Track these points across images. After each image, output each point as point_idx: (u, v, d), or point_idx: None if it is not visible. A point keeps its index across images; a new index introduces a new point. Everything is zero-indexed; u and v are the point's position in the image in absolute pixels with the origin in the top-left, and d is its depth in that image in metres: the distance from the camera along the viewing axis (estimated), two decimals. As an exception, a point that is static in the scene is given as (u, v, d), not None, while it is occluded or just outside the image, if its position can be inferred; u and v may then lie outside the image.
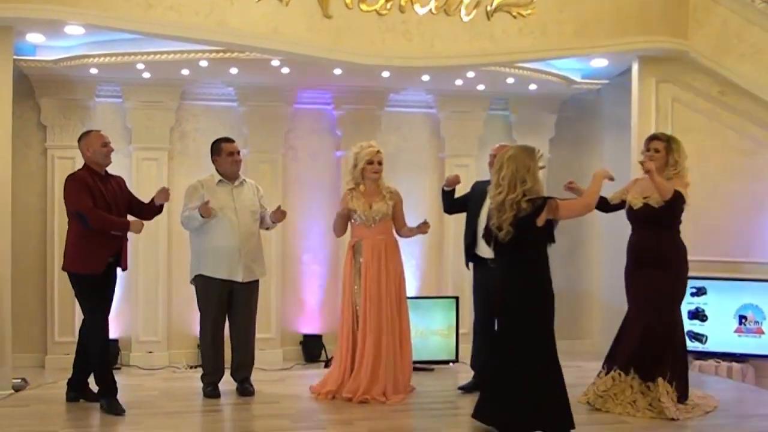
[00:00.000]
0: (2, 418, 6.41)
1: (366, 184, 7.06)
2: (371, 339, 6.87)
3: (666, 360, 6.56)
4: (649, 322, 6.55)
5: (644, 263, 6.58)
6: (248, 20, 7.61)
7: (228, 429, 6.28)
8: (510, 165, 5.68)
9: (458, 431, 6.13)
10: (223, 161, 7.11)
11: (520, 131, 10.53)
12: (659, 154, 6.69)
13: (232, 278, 6.96)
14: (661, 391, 6.45)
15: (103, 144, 6.58)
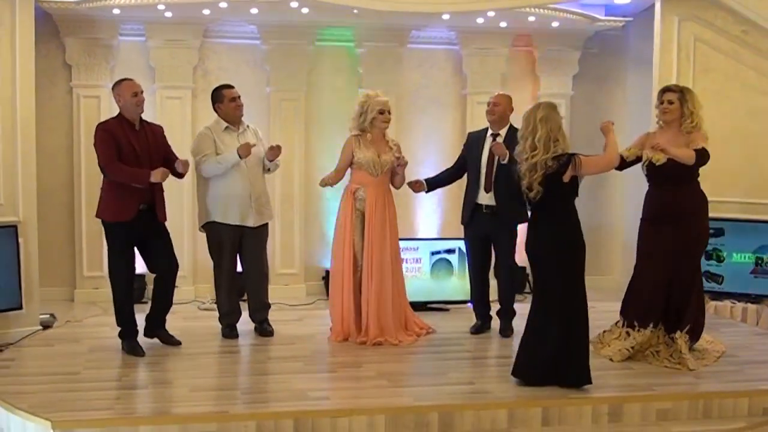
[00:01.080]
0: (26, 358, 6.71)
1: (373, 133, 7.13)
2: (375, 282, 7.07)
3: (687, 311, 6.70)
4: (671, 278, 6.66)
5: (666, 219, 6.63)
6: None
7: (243, 371, 6.49)
8: (544, 126, 5.85)
9: (462, 374, 6.29)
10: (226, 107, 7.22)
11: (544, 68, 10.49)
12: (673, 105, 6.70)
13: (244, 224, 7.13)
14: (681, 344, 6.59)
15: (133, 94, 6.70)
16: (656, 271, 6.67)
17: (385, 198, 7.23)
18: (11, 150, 7.86)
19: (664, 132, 6.75)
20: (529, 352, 6.00)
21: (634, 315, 6.72)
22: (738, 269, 8.76)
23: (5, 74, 7.80)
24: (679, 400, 5.86)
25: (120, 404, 5.61)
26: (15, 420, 5.44)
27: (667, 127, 6.74)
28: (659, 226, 6.66)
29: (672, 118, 6.67)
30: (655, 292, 6.67)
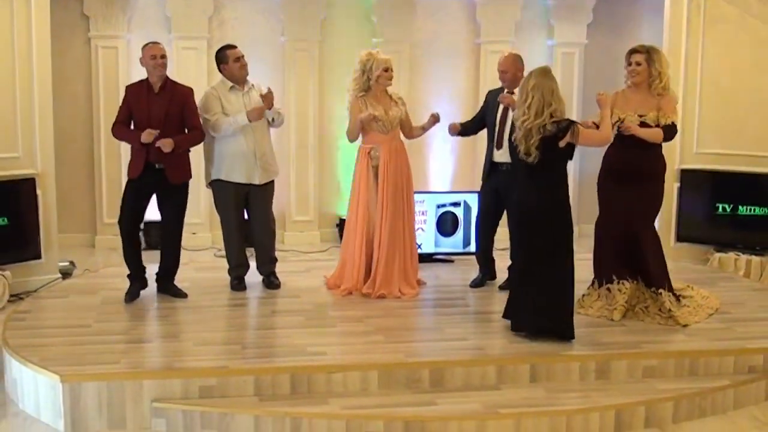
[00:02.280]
0: (42, 310, 7.00)
1: (377, 92, 7.24)
2: (387, 238, 7.27)
3: (663, 265, 6.89)
4: (641, 233, 6.82)
5: (630, 179, 6.74)
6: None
7: (246, 325, 6.72)
8: (535, 93, 6.01)
9: (458, 329, 6.50)
10: (231, 67, 7.35)
11: (558, 16, 10.52)
12: (641, 67, 6.75)
13: (250, 182, 7.33)
14: (667, 300, 6.75)
15: (151, 57, 6.93)
16: (619, 224, 6.80)
17: (398, 153, 7.40)
18: (28, 104, 8.07)
19: (634, 93, 6.82)
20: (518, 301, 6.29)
21: (610, 270, 6.87)
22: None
23: (21, 31, 7.97)
24: (665, 358, 6.03)
25: (127, 358, 5.86)
26: (27, 372, 5.73)
27: (636, 88, 6.81)
28: (622, 183, 6.77)
29: (641, 80, 6.75)
30: (619, 247, 6.82)
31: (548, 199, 6.18)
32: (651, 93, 6.74)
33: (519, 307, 6.31)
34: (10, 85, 7.99)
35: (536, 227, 6.17)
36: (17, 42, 7.98)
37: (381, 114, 7.25)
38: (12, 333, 6.33)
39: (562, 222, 6.20)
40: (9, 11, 7.90)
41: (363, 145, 7.40)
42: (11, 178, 8.00)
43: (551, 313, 6.19)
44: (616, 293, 6.84)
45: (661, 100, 6.72)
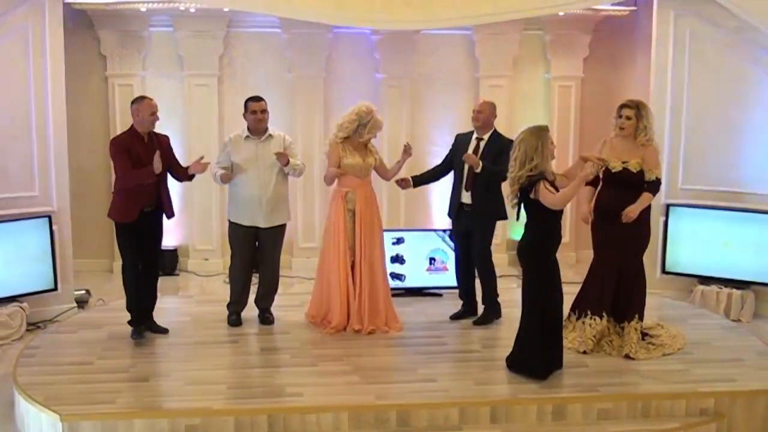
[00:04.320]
0: (50, 346, 7.59)
1: (357, 141, 7.72)
2: (367, 276, 7.82)
3: (634, 303, 7.43)
4: (622, 270, 7.37)
5: (615, 218, 7.26)
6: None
7: (234, 364, 7.21)
8: (521, 147, 6.58)
9: (429, 371, 6.96)
10: (248, 118, 7.88)
11: (555, 51, 10.92)
12: (630, 121, 7.32)
13: (254, 225, 7.86)
14: (632, 334, 7.32)
15: (151, 113, 7.45)
16: (607, 264, 7.37)
17: (371, 197, 7.93)
18: (44, 146, 8.69)
19: (620, 142, 7.39)
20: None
21: (587, 305, 7.43)
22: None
23: (37, 76, 8.59)
24: (618, 401, 6.46)
25: (121, 398, 6.42)
26: (32, 410, 6.32)
27: (623, 138, 7.33)
28: (611, 224, 7.30)
29: (629, 132, 7.33)
30: (607, 285, 7.38)
31: (523, 243, 6.81)
32: (636, 143, 7.30)
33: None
34: (27, 128, 8.62)
35: (522, 269, 6.88)
36: (34, 86, 8.60)
37: (358, 162, 7.75)
38: (22, 370, 6.93)
39: (531, 264, 6.77)
40: (25, 56, 8.51)
41: (338, 188, 7.90)
42: (29, 215, 8.59)
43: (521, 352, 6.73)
44: (588, 328, 7.37)
45: (645, 151, 7.30)
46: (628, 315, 7.38)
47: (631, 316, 7.38)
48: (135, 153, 7.37)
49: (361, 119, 7.74)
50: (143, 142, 7.44)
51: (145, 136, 7.47)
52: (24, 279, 8.57)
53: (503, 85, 10.82)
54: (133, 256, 7.54)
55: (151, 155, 7.38)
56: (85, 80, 10.33)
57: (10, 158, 8.52)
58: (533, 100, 11.05)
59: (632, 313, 7.39)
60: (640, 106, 7.32)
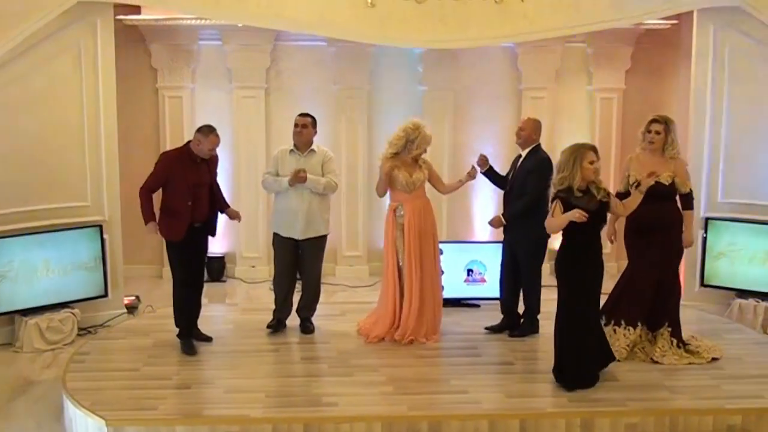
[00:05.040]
0: (99, 351, 7.90)
1: (406, 157, 7.93)
2: (416, 288, 8.00)
3: (668, 312, 7.61)
4: (657, 280, 7.55)
5: (650, 230, 7.49)
6: (301, 10, 8.61)
7: (274, 372, 7.47)
8: (560, 158, 6.88)
9: (462, 382, 7.15)
10: (293, 132, 8.16)
11: (597, 63, 11.02)
12: (659, 135, 7.51)
13: (291, 236, 8.12)
14: (663, 342, 7.56)
15: (211, 148, 7.67)
16: (644, 278, 7.55)
17: (422, 210, 8.10)
18: (96, 159, 9.03)
19: (648, 156, 7.60)
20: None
21: (621, 315, 7.60)
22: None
23: (89, 90, 8.92)
24: (646, 416, 6.58)
25: (164, 404, 6.69)
26: (79, 414, 6.62)
27: (651, 152, 7.53)
28: (646, 237, 7.51)
29: (658, 146, 7.52)
30: (642, 296, 7.56)
31: (559, 257, 7.05)
32: (664, 157, 7.51)
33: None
34: (80, 140, 8.96)
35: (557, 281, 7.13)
36: (86, 100, 8.93)
37: (405, 177, 7.93)
38: (71, 375, 7.24)
39: (570, 280, 6.94)
40: (78, 71, 8.85)
41: (390, 203, 8.12)
42: (82, 224, 8.94)
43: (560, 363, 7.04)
44: (621, 337, 7.57)
45: (676, 164, 7.52)
46: (660, 323, 7.59)
47: (662, 323, 7.57)
48: (182, 174, 7.60)
49: (408, 136, 7.95)
50: (196, 162, 7.67)
51: (198, 158, 7.71)
52: (76, 286, 8.90)
53: (545, 97, 10.95)
54: (185, 272, 7.79)
55: (199, 174, 7.65)
56: (137, 92, 10.66)
57: (64, 169, 8.87)
58: (575, 111, 11.17)
59: (664, 321, 7.58)
60: (668, 121, 7.53)
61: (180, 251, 7.72)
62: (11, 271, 8.47)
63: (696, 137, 9.44)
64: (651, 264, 7.53)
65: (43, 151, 8.69)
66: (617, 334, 7.57)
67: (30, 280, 8.59)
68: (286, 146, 8.22)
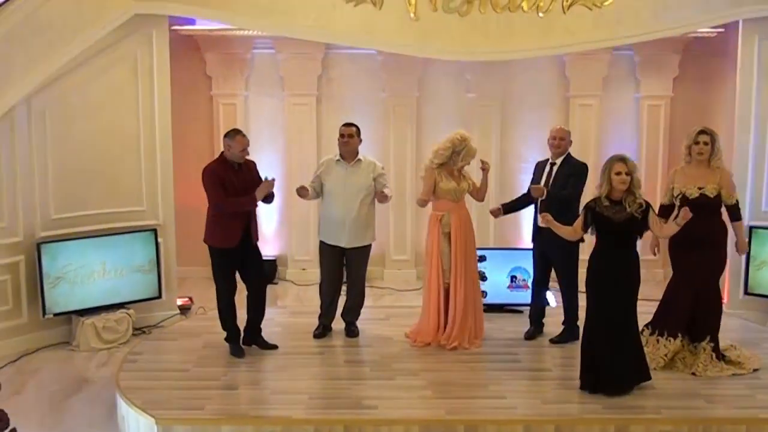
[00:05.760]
0: (152, 351, 8.22)
1: (452, 168, 8.12)
2: (461, 294, 8.22)
3: (710, 324, 7.72)
4: (699, 292, 7.66)
5: (696, 245, 7.57)
6: (348, 23, 8.89)
7: (318, 375, 7.71)
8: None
9: (500, 387, 7.36)
10: (338, 142, 8.40)
11: (644, 71, 11.08)
12: (707, 146, 7.62)
13: (338, 244, 8.35)
14: (704, 354, 7.63)
15: (242, 149, 7.91)
16: (686, 289, 7.67)
17: (466, 219, 8.34)
18: (151, 165, 9.38)
19: (694, 168, 7.72)
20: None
21: (664, 326, 7.76)
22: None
23: (145, 99, 9.26)
24: (679, 425, 6.71)
25: (211, 404, 6.98)
26: (131, 413, 6.93)
27: (696, 164, 7.66)
28: (690, 250, 7.61)
29: (705, 157, 7.62)
30: (684, 308, 7.68)
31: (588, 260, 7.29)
32: (710, 167, 7.64)
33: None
34: (136, 148, 9.32)
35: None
36: (142, 109, 9.28)
37: (454, 186, 8.15)
38: (124, 374, 7.57)
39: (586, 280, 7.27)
40: (134, 80, 9.20)
41: (434, 212, 8.31)
42: (137, 228, 9.28)
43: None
44: (662, 347, 7.70)
45: (721, 175, 7.64)
46: (702, 335, 7.68)
47: (704, 336, 7.66)
48: (229, 180, 7.87)
49: (455, 147, 8.15)
50: (234, 169, 7.93)
51: (236, 164, 7.96)
52: (131, 287, 9.25)
53: (593, 105, 11.06)
54: (231, 282, 8.05)
55: (242, 181, 7.90)
56: (192, 99, 10.98)
57: (121, 176, 9.23)
58: (623, 119, 11.24)
59: (705, 334, 7.67)
60: (713, 133, 7.66)
61: (225, 261, 7.97)
62: (69, 273, 8.84)
63: (740, 146, 9.49)
64: (693, 277, 7.64)
65: (101, 157, 9.07)
66: (659, 344, 7.71)
67: (87, 281, 8.95)
68: (331, 156, 8.43)
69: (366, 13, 8.86)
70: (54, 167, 8.83)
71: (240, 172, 7.91)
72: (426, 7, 8.75)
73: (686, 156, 7.74)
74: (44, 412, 7.38)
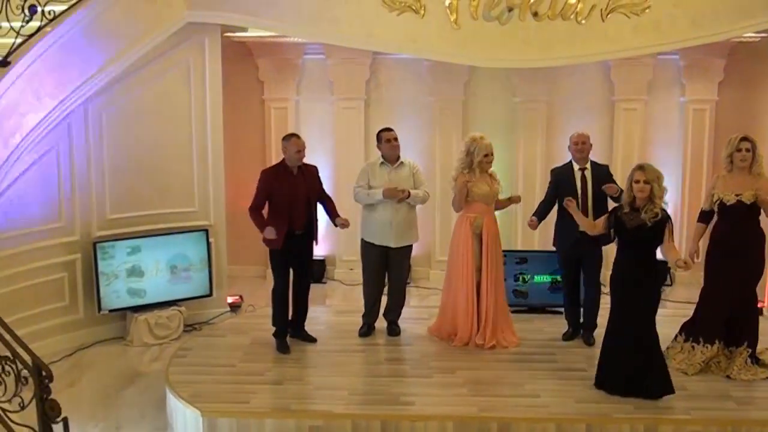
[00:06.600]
0: (201, 347, 8.57)
1: (479, 171, 8.33)
2: (492, 294, 8.45)
3: (747, 330, 7.85)
4: (735, 298, 7.79)
5: (733, 252, 7.73)
6: (390, 30, 9.13)
7: (358, 372, 7.99)
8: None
9: (535, 386, 7.56)
10: (383, 147, 8.66)
11: (689, 75, 11.14)
12: (749, 153, 7.76)
13: (385, 245, 8.61)
14: (740, 360, 7.76)
15: (296, 151, 8.27)
16: (724, 296, 7.79)
17: (495, 222, 8.58)
18: (203, 167, 9.74)
19: (734, 176, 7.81)
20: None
21: (699, 332, 7.87)
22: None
23: (198, 104, 9.63)
24: (709, 425, 6.85)
25: (255, 398, 7.30)
26: (179, 405, 7.27)
27: (738, 171, 7.76)
28: (727, 257, 7.75)
29: (748, 164, 7.75)
30: (722, 314, 7.80)
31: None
32: (751, 174, 7.76)
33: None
34: (189, 151, 9.68)
35: None
36: (195, 114, 9.65)
37: (486, 189, 8.35)
38: (173, 369, 7.92)
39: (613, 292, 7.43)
40: (187, 86, 9.56)
41: (466, 214, 8.52)
42: (189, 228, 9.64)
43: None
44: (698, 353, 7.82)
45: (761, 182, 7.73)
46: (739, 341, 7.80)
47: (742, 342, 7.79)
48: (281, 185, 8.22)
49: (468, 148, 8.40)
50: (292, 174, 8.25)
51: (294, 168, 8.27)
52: (183, 285, 9.61)
53: (638, 109, 11.17)
54: (284, 277, 8.39)
55: (299, 186, 8.24)
56: (245, 103, 11.32)
57: (174, 177, 9.59)
58: (668, 123, 11.32)
59: (743, 340, 7.80)
60: (754, 140, 7.80)
61: (278, 257, 8.32)
62: (124, 271, 9.21)
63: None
64: (731, 283, 7.76)
65: (155, 160, 9.45)
66: (695, 350, 7.84)
67: (141, 279, 9.32)
68: (373, 160, 8.72)
69: (409, 22, 9.08)
70: (110, 169, 9.23)
71: (297, 177, 8.22)
72: (467, 15, 8.94)
73: (727, 165, 7.85)
74: (97, 404, 7.77)
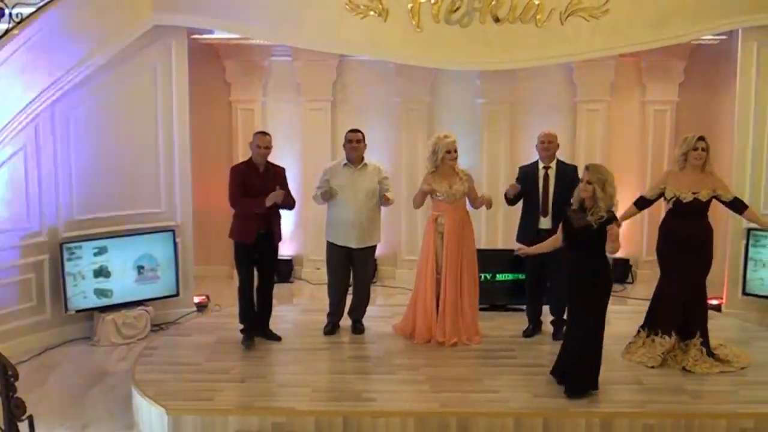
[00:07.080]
0: (167, 347, 8.66)
1: (444, 169, 8.48)
2: (451, 293, 8.59)
3: (698, 323, 8.08)
4: (688, 291, 8.06)
5: (688, 247, 7.97)
6: (354, 33, 9.27)
7: (322, 369, 8.10)
8: None
9: (494, 382, 7.72)
10: (346, 147, 8.80)
11: (650, 76, 11.36)
12: (704, 152, 7.99)
13: (347, 245, 8.73)
14: (695, 351, 7.99)
15: (258, 146, 8.43)
16: (679, 289, 8.05)
17: (462, 220, 8.67)
18: (170, 168, 9.82)
19: (687, 174, 8.05)
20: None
21: (658, 324, 8.12)
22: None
23: (164, 106, 9.71)
24: (663, 418, 7.02)
25: (220, 396, 7.40)
26: (144, 403, 7.36)
27: (691, 169, 7.98)
28: (682, 251, 7.99)
29: (701, 162, 7.98)
30: (677, 307, 8.04)
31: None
32: (704, 172, 8.00)
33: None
34: (155, 152, 9.76)
35: None
36: (161, 115, 9.73)
37: (445, 188, 8.49)
38: (139, 368, 8.01)
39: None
40: (153, 88, 9.64)
41: (432, 213, 8.69)
42: (156, 228, 9.73)
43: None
44: (658, 345, 8.06)
45: (714, 179, 8.04)
46: (691, 333, 8.03)
47: (694, 333, 8.02)
48: (250, 182, 8.35)
49: (432, 148, 8.57)
50: (259, 172, 8.38)
51: (261, 166, 8.40)
52: (150, 285, 9.69)
53: (600, 110, 11.36)
54: (248, 273, 8.53)
55: (265, 184, 8.35)
56: (212, 105, 11.41)
57: (141, 178, 9.67)
58: (629, 124, 11.52)
59: (695, 331, 8.02)
60: (707, 140, 8.01)
61: (247, 253, 8.46)
62: (91, 272, 9.29)
63: (740, 150, 9.73)
64: (684, 277, 8.00)
65: (122, 162, 9.51)
66: (655, 343, 8.06)
67: (108, 279, 9.40)
68: (338, 161, 8.88)
69: (373, 25, 9.20)
70: (77, 171, 9.29)
71: (264, 176, 8.36)
72: (429, 18, 9.08)
73: (681, 162, 8.05)
74: (64, 403, 7.83)
